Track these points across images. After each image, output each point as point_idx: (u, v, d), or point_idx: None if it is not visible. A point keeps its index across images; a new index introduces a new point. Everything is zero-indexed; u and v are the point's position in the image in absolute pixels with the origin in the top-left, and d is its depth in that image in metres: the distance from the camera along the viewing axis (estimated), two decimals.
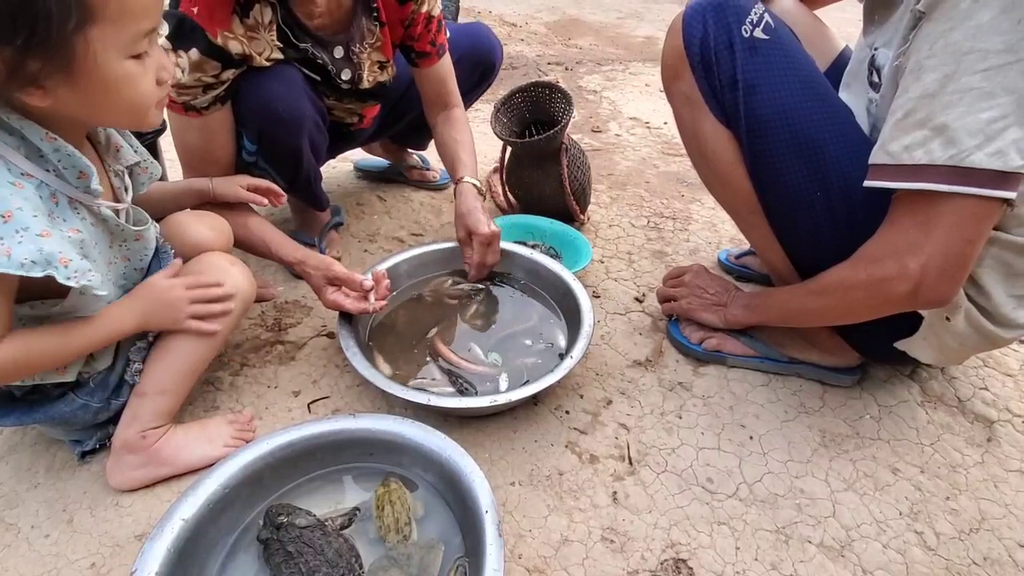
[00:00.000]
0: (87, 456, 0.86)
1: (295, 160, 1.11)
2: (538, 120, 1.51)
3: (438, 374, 0.99)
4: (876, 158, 0.75)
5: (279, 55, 1.01)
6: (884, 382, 1.05)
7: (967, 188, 0.67)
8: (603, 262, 1.36)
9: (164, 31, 0.86)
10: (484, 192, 1.18)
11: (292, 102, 1.03)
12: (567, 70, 2.89)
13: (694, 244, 1.46)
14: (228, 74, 0.96)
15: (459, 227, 1.14)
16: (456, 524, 0.74)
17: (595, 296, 1.25)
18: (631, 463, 0.89)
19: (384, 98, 1.26)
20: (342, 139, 1.32)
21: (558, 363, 0.93)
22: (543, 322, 1.10)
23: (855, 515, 0.83)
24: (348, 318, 0.99)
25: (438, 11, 1.16)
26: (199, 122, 0.99)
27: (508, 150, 1.45)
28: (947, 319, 0.81)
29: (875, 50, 0.85)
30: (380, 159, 1.72)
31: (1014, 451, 0.94)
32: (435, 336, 1.06)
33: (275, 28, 0.99)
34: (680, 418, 0.97)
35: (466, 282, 1.18)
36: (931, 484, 0.88)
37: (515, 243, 1.23)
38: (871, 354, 1.00)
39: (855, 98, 0.93)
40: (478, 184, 1.16)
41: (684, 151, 1.03)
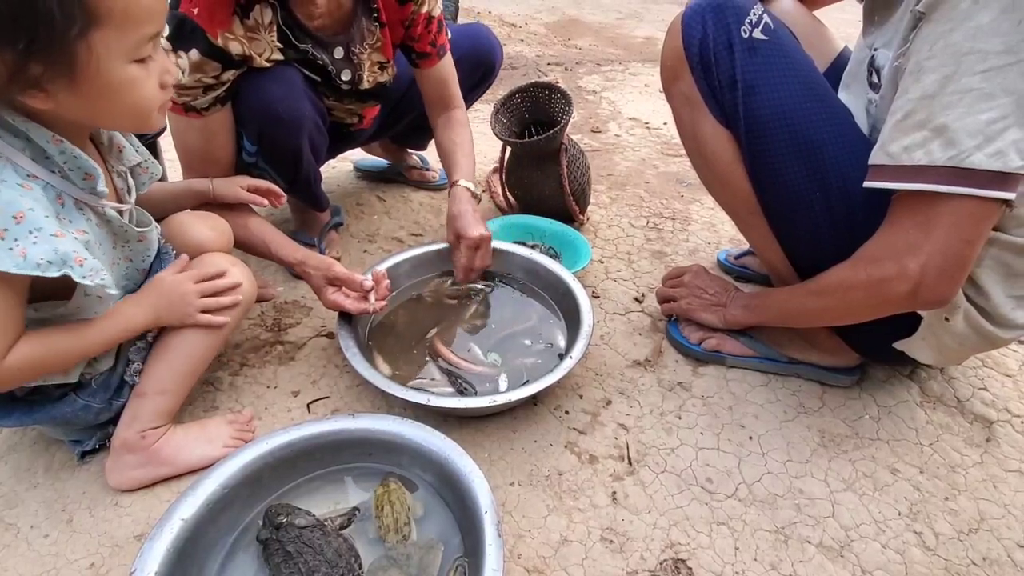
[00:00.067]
0: (86, 456, 0.86)
1: (295, 161, 1.11)
2: (538, 120, 1.51)
3: (437, 374, 0.99)
4: (876, 159, 0.75)
5: (279, 56, 1.01)
6: (883, 382, 1.05)
7: (966, 189, 0.67)
8: (602, 262, 1.36)
9: (164, 32, 0.86)
10: (479, 195, 1.17)
11: (292, 103, 1.03)
12: (567, 70, 2.89)
13: (693, 244, 1.46)
14: (228, 75, 0.97)
15: (449, 230, 1.13)
16: (455, 524, 0.74)
17: (594, 296, 1.25)
18: (630, 463, 0.89)
19: (384, 99, 1.26)
20: (342, 139, 1.32)
21: (557, 363, 0.93)
22: (542, 322, 1.10)
23: (854, 515, 0.83)
24: (348, 318, 0.99)
25: (438, 12, 1.16)
26: (199, 123, 0.99)
27: (508, 150, 1.45)
28: (946, 319, 0.81)
29: (875, 51, 0.85)
30: (380, 159, 1.72)
31: (1013, 451, 0.94)
32: (435, 336, 1.06)
33: (275, 29, 0.99)
34: (679, 418, 0.97)
35: (458, 284, 1.17)
36: (930, 484, 0.88)
37: (515, 243, 1.23)
38: (870, 354, 1.00)
39: (854, 99, 0.93)
40: (472, 187, 1.15)
41: (683, 151, 1.03)
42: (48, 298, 0.69)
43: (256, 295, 0.93)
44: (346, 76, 1.12)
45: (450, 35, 1.23)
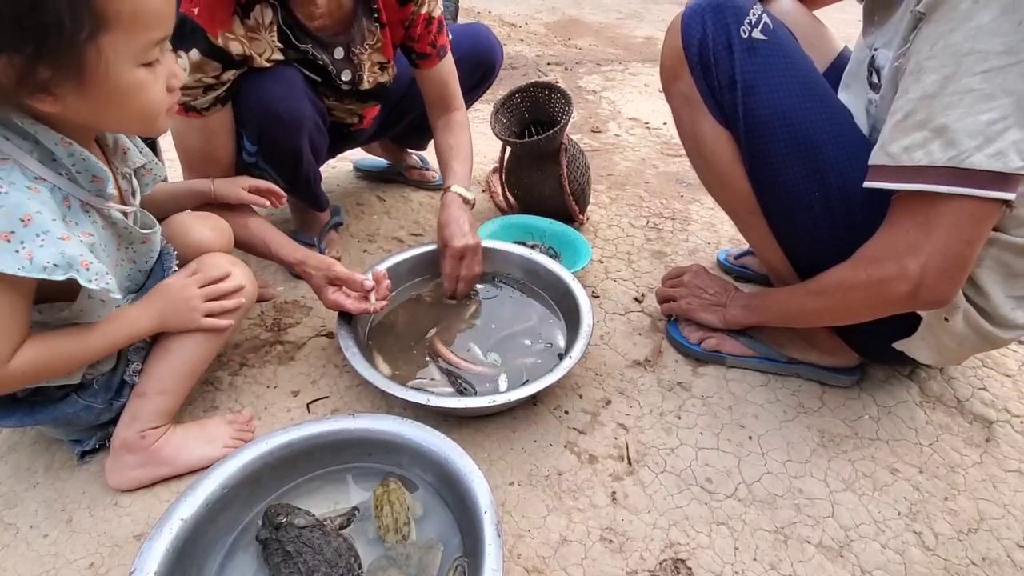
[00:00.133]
0: (86, 456, 0.86)
1: (295, 161, 1.11)
2: (538, 120, 1.51)
3: (437, 374, 0.99)
4: (876, 159, 0.75)
5: (279, 56, 1.01)
6: (883, 382, 1.05)
7: (967, 189, 0.67)
8: (602, 262, 1.36)
9: None
10: (472, 200, 1.15)
11: (292, 103, 1.03)
12: (567, 70, 2.89)
13: (693, 244, 1.46)
14: (228, 75, 0.97)
15: (438, 238, 1.12)
16: (455, 524, 0.74)
17: (594, 296, 1.25)
18: (630, 463, 0.89)
19: (384, 99, 1.26)
20: (342, 139, 1.32)
21: (557, 363, 0.93)
22: (542, 322, 1.10)
23: (854, 515, 0.83)
24: (347, 318, 0.99)
25: (439, 12, 1.16)
26: (200, 123, 0.99)
27: (508, 150, 1.45)
28: (946, 320, 0.81)
29: (875, 51, 0.85)
30: (380, 159, 1.72)
31: (1013, 451, 0.94)
32: (434, 336, 1.06)
33: (275, 29, 0.99)
34: (679, 418, 0.97)
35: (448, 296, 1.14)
36: (930, 484, 0.88)
37: (514, 243, 1.23)
38: (870, 354, 1.00)
39: (854, 99, 0.93)
40: (464, 193, 1.14)
41: (683, 151, 1.03)
42: (52, 300, 0.69)
43: (256, 295, 0.93)
44: (346, 76, 1.12)
45: (451, 36, 1.23)
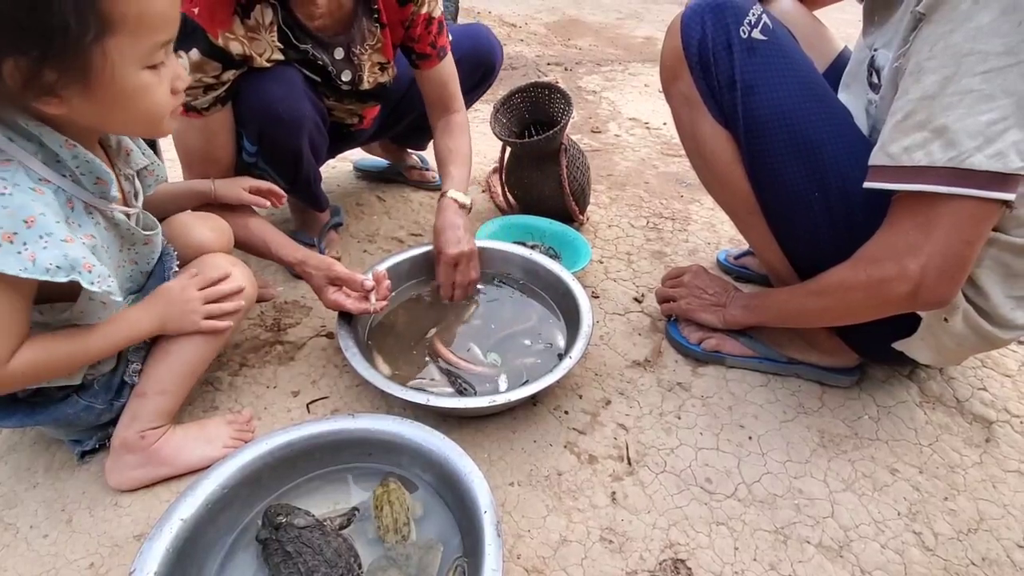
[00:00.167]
0: (86, 456, 0.86)
1: (295, 161, 1.11)
2: (537, 120, 1.51)
3: (437, 374, 0.99)
4: (876, 159, 0.75)
5: (280, 56, 1.01)
6: (883, 383, 1.05)
7: (966, 190, 0.67)
8: (602, 262, 1.36)
9: None
10: (469, 205, 1.15)
11: (292, 103, 1.03)
12: (566, 70, 2.89)
13: (693, 244, 1.46)
14: (229, 75, 0.97)
15: (434, 245, 1.12)
16: (455, 524, 0.74)
17: (594, 296, 1.25)
18: (630, 463, 0.89)
19: (384, 99, 1.26)
20: (342, 139, 1.32)
21: (557, 363, 0.93)
22: (542, 322, 1.10)
23: (853, 515, 0.83)
24: (347, 318, 0.99)
25: (439, 13, 1.15)
26: (200, 123, 0.99)
27: (508, 150, 1.45)
28: (945, 320, 0.81)
29: (875, 51, 0.85)
30: (379, 159, 1.72)
31: (1012, 451, 0.94)
32: (434, 336, 1.06)
33: (276, 29, 0.99)
34: (679, 418, 0.97)
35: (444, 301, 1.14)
36: (929, 484, 0.88)
37: (514, 243, 1.23)
38: (869, 355, 1.00)
39: (854, 99, 0.93)
40: (460, 199, 1.14)
41: (683, 152, 1.03)
42: (53, 301, 0.69)
43: (256, 295, 0.93)
44: (346, 77, 1.12)
45: (451, 37, 1.22)
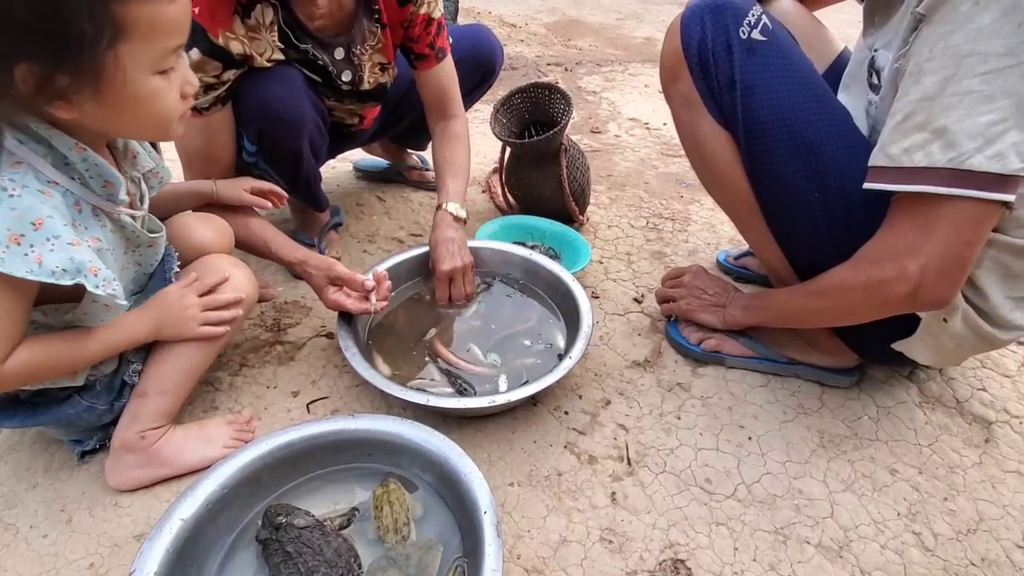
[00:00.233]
0: (86, 456, 0.86)
1: (295, 161, 1.11)
2: (537, 121, 1.51)
3: (437, 375, 0.99)
4: (875, 160, 0.75)
5: (280, 56, 1.01)
6: (882, 383, 1.05)
7: (966, 191, 0.67)
8: (602, 263, 1.36)
9: None
10: (464, 218, 1.15)
11: (292, 103, 1.03)
12: (566, 71, 2.89)
13: (693, 245, 1.46)
14: (229, 74, 0.97)
15: (430, 258, 1.12)
16: (455, 524, 0.74)
17: (594, 297, 1.25)
18: (630, 464, 0.90)
19: (385, 99, 1.26)
20: (342, 140, 1.32)
21: (557, 364, 0.93)
22: (542, 323, 1.10)
23: (853, 516, 0.83)
24: (347, 318, 0.99)
25: (438, 14, 1.15)
26: (200, 123, 0.99)
27: (507, 151, 1.45)
28: (944, 320, 0.81)
29: (875, 52, 0.86)
30: (379, 159, 1.72)
31: (1012, 452, 0.94)
32: (434, 336, 1.06)
33: (276, 29, 0.99)
34: (679, 419, 0.97)
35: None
36: (929, 485, 0.88)
37: (514, 243, 1.23)
38: (869, 355, 1.00)
39: (854, 100, 0.93)
40: (456, 212, 1.14)
41: (683, 152, 1.03)
42: (56, 302, 0.69)
43: (257, 296, 0.93)
44: (347, 77, 1.12)
45: (451, 39, 1.22)
